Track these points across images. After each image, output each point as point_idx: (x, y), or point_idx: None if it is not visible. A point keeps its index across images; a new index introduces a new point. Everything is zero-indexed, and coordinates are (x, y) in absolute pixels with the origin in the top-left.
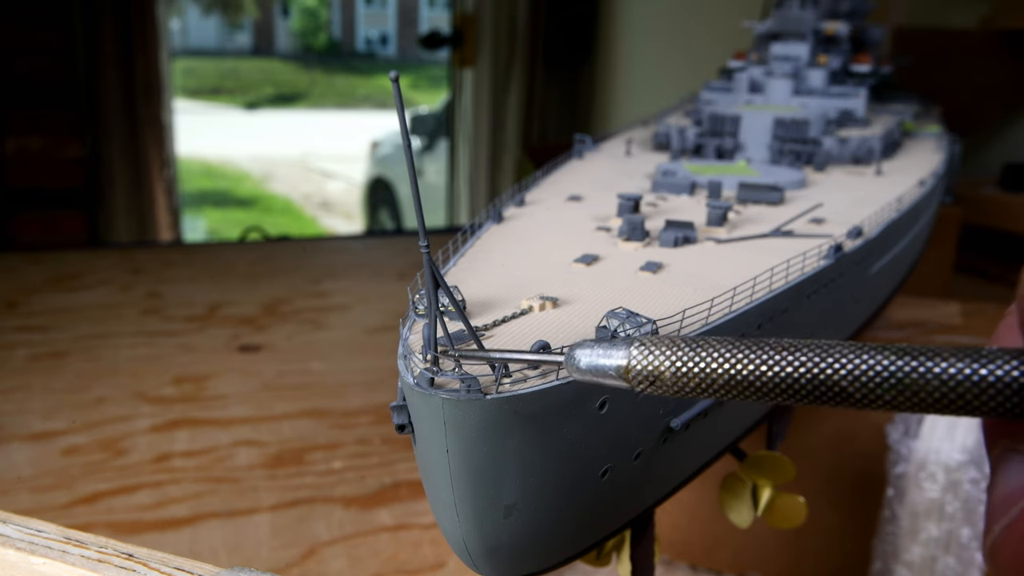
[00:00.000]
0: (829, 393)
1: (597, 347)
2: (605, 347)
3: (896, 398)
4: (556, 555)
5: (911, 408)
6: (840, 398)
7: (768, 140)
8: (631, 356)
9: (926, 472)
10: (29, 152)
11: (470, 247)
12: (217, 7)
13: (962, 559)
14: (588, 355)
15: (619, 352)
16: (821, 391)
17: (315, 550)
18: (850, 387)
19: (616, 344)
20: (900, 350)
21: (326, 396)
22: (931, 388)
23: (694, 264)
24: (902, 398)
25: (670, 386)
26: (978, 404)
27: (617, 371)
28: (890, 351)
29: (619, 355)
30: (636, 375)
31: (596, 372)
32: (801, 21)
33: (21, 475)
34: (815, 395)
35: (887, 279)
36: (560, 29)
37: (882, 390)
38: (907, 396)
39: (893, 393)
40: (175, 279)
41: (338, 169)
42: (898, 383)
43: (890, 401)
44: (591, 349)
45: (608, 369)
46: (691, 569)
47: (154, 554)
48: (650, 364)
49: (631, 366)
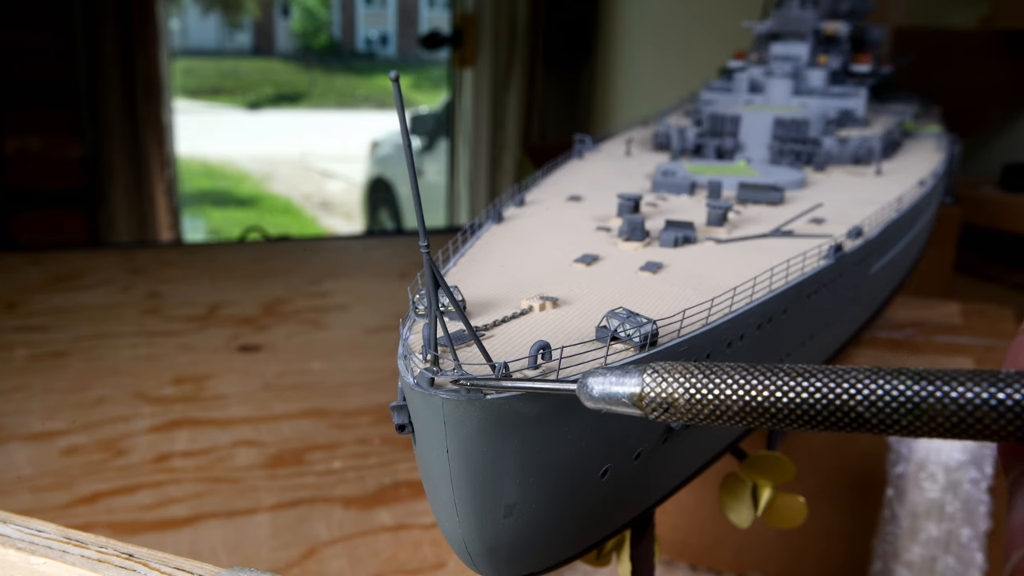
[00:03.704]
0: (845, 419)
1: (609, 375)
2: (617, 375)
3: (913, 423)
4: (556, 555)
5: (928, 433)
6: (856, 424)
7: (768, 140)
8: (644, 384)
9: (926, 472)
10: (29, 152)
11: (470, 247)
12: (217, 7)
13: (962, 559)
14: (600, 383)
15: (632, 380)
16: (837, 417)
17: (315, 550)
18: (866, 412)
19: (628, 371)
20: (916, 374)
21: (326, 396)
22: (948, 413)
23: (694, 264)
24: (919, 423)
25: (684, 413)
26: (996, 428)
27: (631, 399)
28: (906, 375)
29: (632, 383)
30: (649, 403)
31: (609, 400)
32: (801, 21)
33: (21, 475)
34: (831, 421)
35: (887, 279)
36: (560, 29)
37: (899, 415)
38: (924, 421)
39: (910, 419)
40: (175, 279)
41: (338, 169)
42: (915, 408)
43: (907, 427)
44: (603, 377)
45: (621, 397)
46: (691, 569)
47: (154, 554)
48: (663, 392)
49: (644, 394)
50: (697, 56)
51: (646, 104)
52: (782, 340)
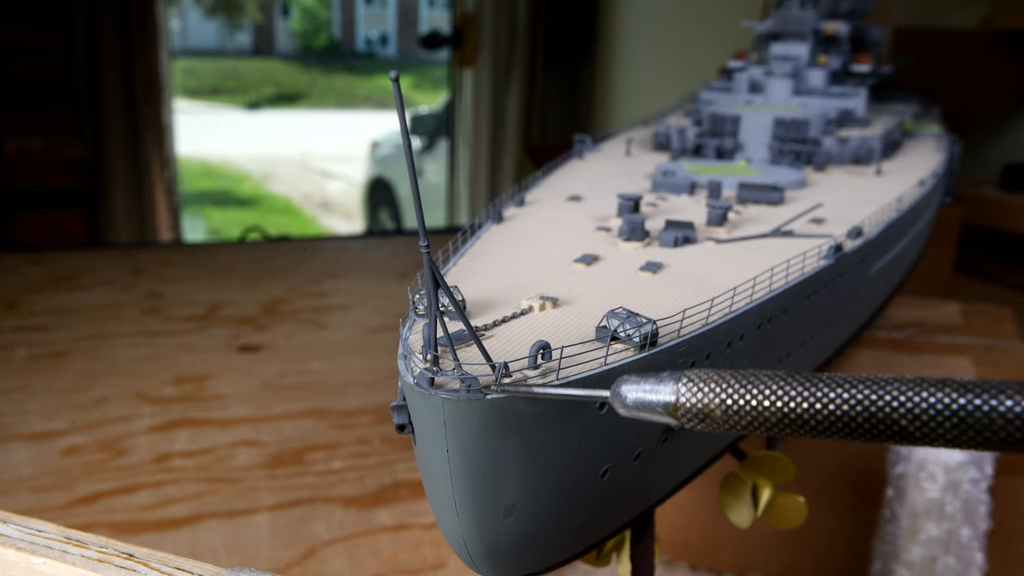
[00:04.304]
0: (888, 432)
1: (643, 382)
2: (652, 382)
3: (959, 436)
4: (556, 555)
5: (974, 446)
6: (899, 436)
7: (768, 140)
8: (679, 392)
9: (926, 472)
10: (29, 152)
11: (470, 247)
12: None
13: (962, 559)
14: (634, 391)
15: (666, 388)
16: (879, 429)
17: (315, 550)
18: (910, 425)
19: (662, 379)
20: (961, 385)
21: (326, 396)
22: (996, 427)
23: (694, 264)
24: (965, 437)
25: (721, 423)
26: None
27: (665, 408)
28: (951, 387)
29: (666, 391)
30: (685, 412)
31: (643, 407)
32: (801, 21)
33: (21, 475)
34: (872, 433)
35: (887, 279)
36: (560, 29)
37: (944, 429)
38: (971, 435)
39: (956, 432)
40: (175, 279)
41: (338, 169)
42: (961, 422)
43: (953, 440)
44: (636, 384)
45: (656, 405)
46: (691, 569)
47: (154, 554)
48: (700, 402)
49: (680, 403)
50: (697, 56)
51: (646, 104)
52: (782, 340)
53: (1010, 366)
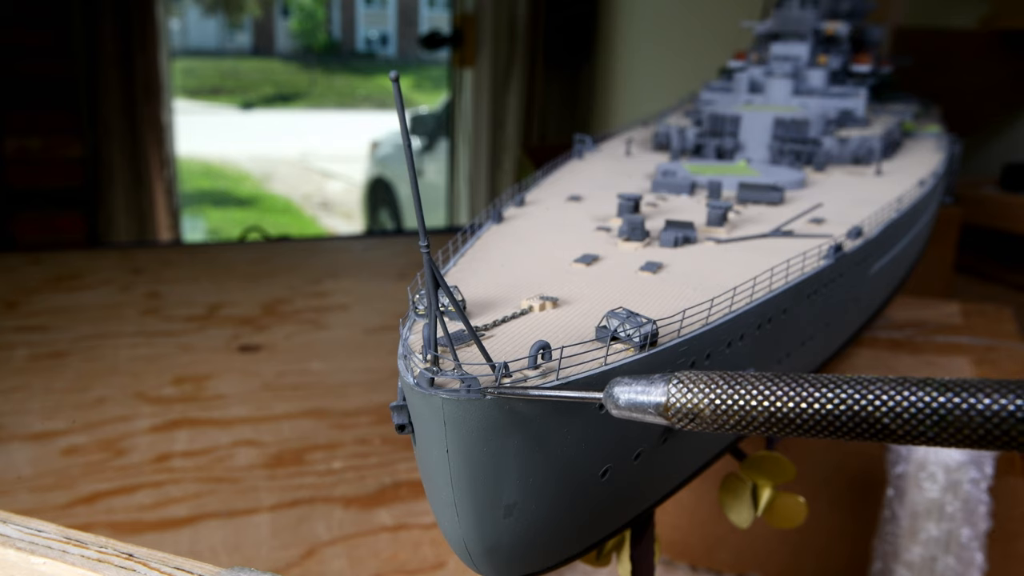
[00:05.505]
0: (871, 430)
1: (635, 384)
2: (643, 384)
3: (940, 434)
4: (556, 555)
5: (954, 444)
6: (882, 434)
7: (768, 140)
8: (669, 394)
9: (926, 472)
10: (29, 152)
11: (470, 247)
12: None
13: (962, 559)
14: (627, 392)
15: (657, 389)
16: (862, 427)
17: (315, 550)
18: (892, 423)
19: (653, 381)
20: (942, 384)
21: (326, 396)
22: (975, 424)
23: (694, 264)
24: (945, 434)
25: (710, 423)
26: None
27: (656, 408)
28: (931, 386)
29: (657, 392)
30: (675, 412)
31: (635, 408)
32: (801, 21)
33: (21, 475)
34: (857, 431)
35: (887, 279)
36: (560, 29)
37: (924, 427)
38: (951, 432)
39: (936, 430)
40: (175, 279)
41: (338, 169)
42: (941, 420)
43: (933, 437)
44: (628, 386)
45: (647, 406)
46: (691, 569)
47: (154, 554)
48: (689, 402)
49: (670, 404)
50: (697, 56)
51: (646, 104)
52: (782, 340)
53: (1010, 366)
